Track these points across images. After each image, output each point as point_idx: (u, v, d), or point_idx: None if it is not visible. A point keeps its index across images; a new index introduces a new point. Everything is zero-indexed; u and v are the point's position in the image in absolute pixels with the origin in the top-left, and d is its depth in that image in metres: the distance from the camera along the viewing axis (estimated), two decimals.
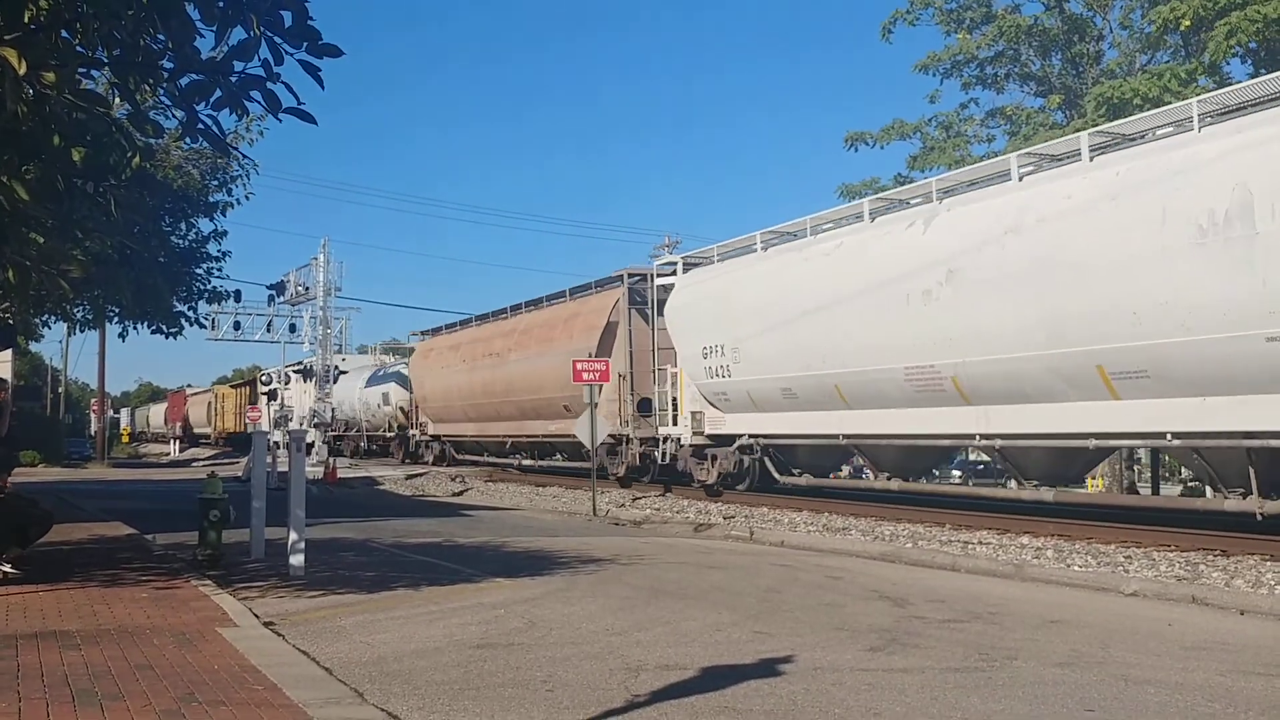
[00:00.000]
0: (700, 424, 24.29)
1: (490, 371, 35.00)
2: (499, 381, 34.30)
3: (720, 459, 24.07)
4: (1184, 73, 26.32)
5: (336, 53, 6.22)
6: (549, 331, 31.48)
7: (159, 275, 16.06)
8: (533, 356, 31.89)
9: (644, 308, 27.82)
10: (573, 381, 24.19)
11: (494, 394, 34.76)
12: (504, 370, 33.96)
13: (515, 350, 33.47)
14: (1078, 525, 16.06)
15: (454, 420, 40.42)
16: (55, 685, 6.42)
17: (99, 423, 62.82)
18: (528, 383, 32.10)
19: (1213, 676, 7.37)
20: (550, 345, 30.72)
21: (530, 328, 33.25)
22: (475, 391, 36.35)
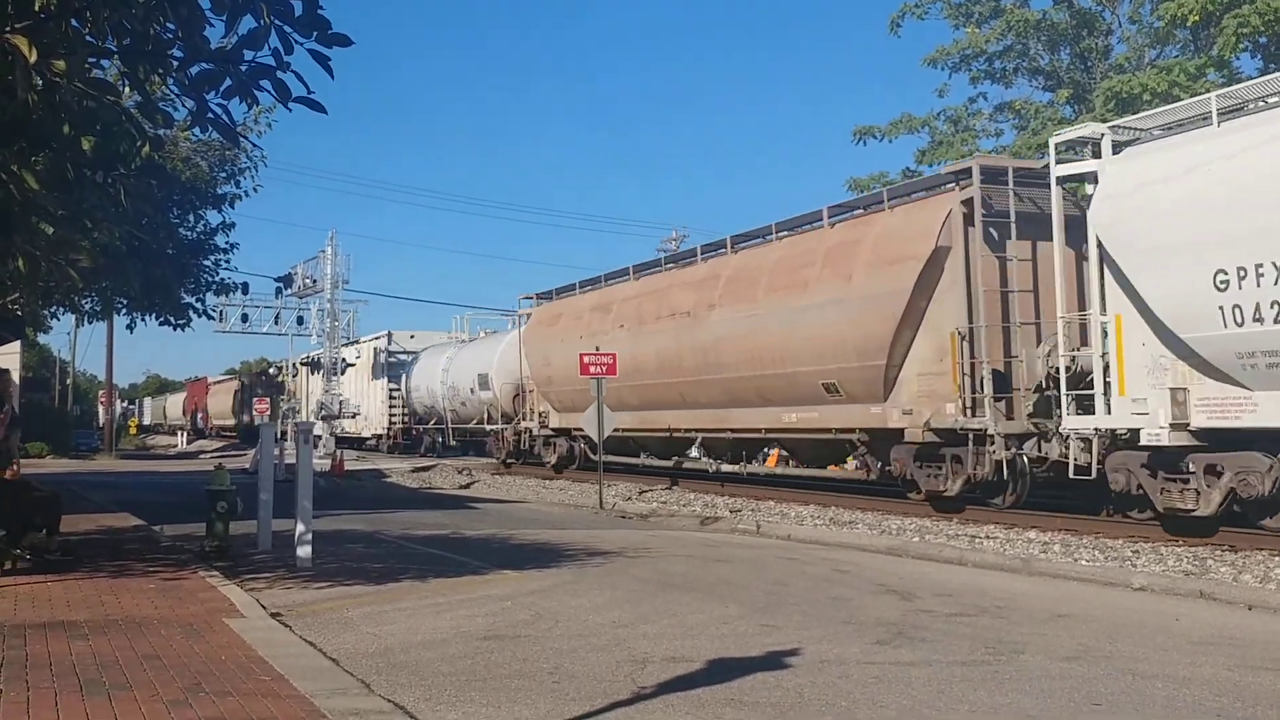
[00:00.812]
0: (1184, 409, 13.85)
1: (672, 338, 25.18)
2: (691, 352, 24.43)
3: None
4: (1193, 68, 26.25)
5: (346, 42, 6.22)
6: (798, 273, 21.18)
7: (167, 267, 16.08)
8: (763, 313, 21.87)
9: (1000, 223, 17.48)
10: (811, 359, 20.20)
11: (679, 369, 25.00)
12: (700, 335, 24.03)
13: (725, 305, 23.30)
14: (1085, 520, 16.03)
15: None
16: (63, 675, 6.44)
17: (107, 414, 62.93)
18: (751, 352, 22.19)
19: (1220, 671, 7.36)
20: (801, 293, 20.74)
21: (753, 272, 22.89)
22: (642, 366, 26.13)
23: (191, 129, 12.58)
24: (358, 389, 52.38)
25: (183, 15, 6.24)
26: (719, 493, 23.56)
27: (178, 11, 6.22)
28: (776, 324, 21.40)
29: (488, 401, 38.80)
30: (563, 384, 30.09)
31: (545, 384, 31.96)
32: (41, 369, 74.91)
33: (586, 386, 25.76)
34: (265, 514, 13.42)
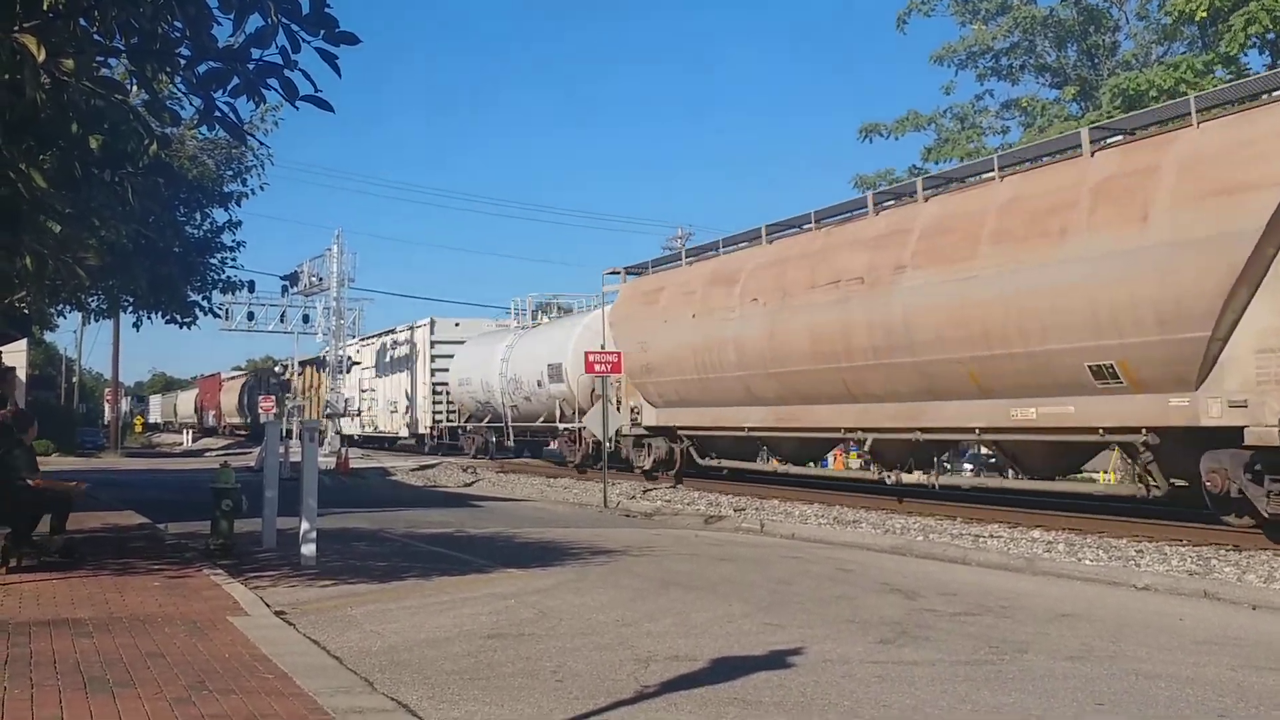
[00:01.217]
0: None
1: (835, 312, 19.47)
2: (865, 329, 18.80)
3: None
4: (1200, 64, 26.16)
5: (354, 40, 6.23)
6: (1046, 219, 15.82)
7: (174, 265, 16.11)
8: (985, 274, 16.54)
9: None
10: None
11: (845, 352, 19.40)
12: (880, 306, 18.41)
13: (921, 266, 17.86)
14: (1089, 519, 16.02)
15: (716, 402, 24.01)
16: (67, 672, 6.46)
17: (112, 412, 63.04)
18: (963, 326, 16.87)
19: (1224, 671, 7.35)
20: (1054, 244, 15.51)
21: (964, 221, 17.51)
22: (785, 350, 21.03)
23: (199, 127, 12.61)
24: (393, 384, 48.43)
25: (190, 14, 6.26)
26: (723, 491, 23.55)
27: (185, 10, 6.24)
28: (1008, 287, 16.00)
29: (559, 396, 32.73)
30: (666, 372, 25.37)
31: (640, 373, 26.26)
32: (48, 367, 75.11)
33: (702, 375, 23.32)
34: (270, 512, 13.45)
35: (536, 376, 34.05)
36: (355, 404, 51.55)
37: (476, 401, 39.92)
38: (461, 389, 41.14)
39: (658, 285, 27.22)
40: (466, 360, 41.02)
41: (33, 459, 11.79)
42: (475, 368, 39.68)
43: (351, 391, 52.65)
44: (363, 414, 52.02)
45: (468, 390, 40.43)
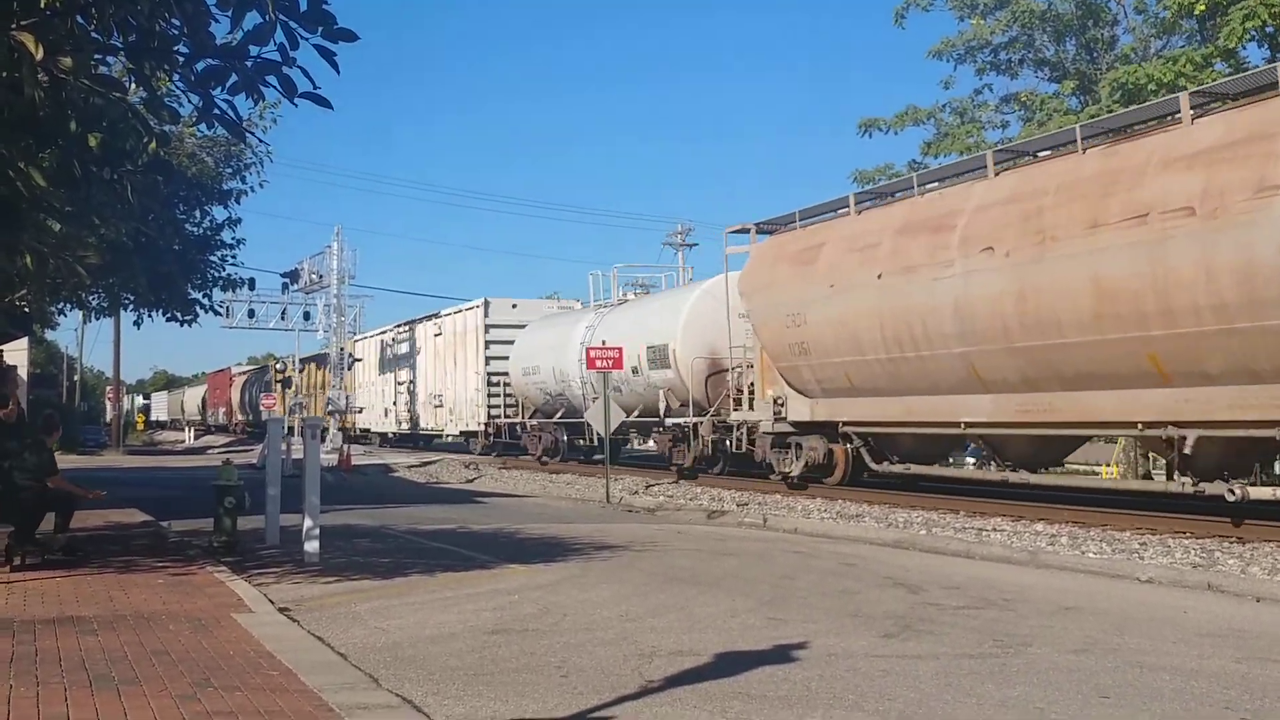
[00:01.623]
0: None
1: (1142, 259, 14.00)
2: (1200, 278, 13.39)
3: None
4: (1199, 57, 26.12)
5: (352, 37, 6.22)
6: None
7: (174, 263, 16.11)
8: None
9: None
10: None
11: (1159, 316, 13.95)
12: (1239, 246, 12.94)
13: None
14: (1093, 512, 16.01)
15: (911, 390, 18.60)
16: (73, 670, 6.46)
17: (114, 410, 63.06)
18: None
19: (1228, 663, 7.35)
20: None
21: None
22: (1035, 316, 15.61)
23: (198, 125, 12.60)
24: (435, 374, 42.73)
25: (188, 11, 6.25)
26: (726, 487, 23.54)
27: (183, 8, 6.23)
28: None
29: (662, 385, 27.01)
30: (830, 352, 19.76)
31: (788, 354, 20.80)
32: (49, 365, 75.10)
33: (891, 355, 18.05)
34: (273, 509, 13.45)
35: (631, 362, 26.71)
36: (386, 398, 47.42)
37: (545, 393, 33.59)
38: (526, 379, 34.65)
39: (814, 241, 20.87)
40: (532, 345, 34.70)
41: (52, 460, 11.79)
42: (544, 353, 33.55)
43: (375, 385, 49.39)
44: (395, 409, 47.32)
45: (534, 381, 34.10)
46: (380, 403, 49.71)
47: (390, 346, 48.38)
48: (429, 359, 43.71)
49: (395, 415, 47.75)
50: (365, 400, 50.95)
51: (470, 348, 39.51)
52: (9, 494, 11.06)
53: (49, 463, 11.63)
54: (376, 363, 50.35)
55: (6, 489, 11.10)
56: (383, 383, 49.18)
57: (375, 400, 50.42)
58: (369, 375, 50.67)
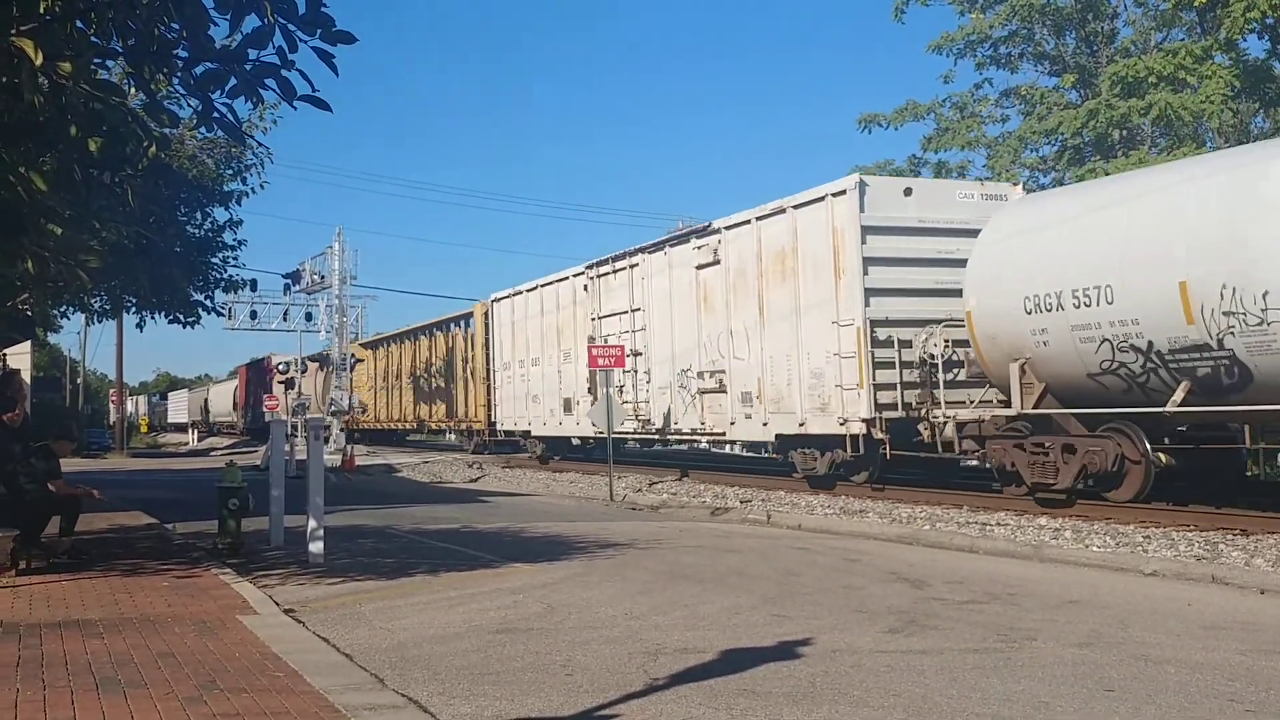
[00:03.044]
0: None
1: None
2: None
3: None
4: (1199, 49, 26.14)
5: (350, 39, 6.23)
6: None
7: (175, 265, 16.12)
8: None
9: None
10: None
11: None
12: None
13: None
14: (1096, 506, 15.99)
15: None
16: (79, 673, 6.48)
17: (118, 413, 63.09)
18: None
19: (1233, 656, 7.36)
20: None
21: None
22: None
23: (198, 128, 12.61)
24: (706, 335, 23.85)
25: (187, 15, 6.25)
26: (729, 483, 23.55)
27: (182, 11, 6.24)
28: None
29: None
30: None
31: None
32: (52, 368, 75.20)
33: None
34: (277, 510, 13.47)
35: None
36: (556, 383, 31.26)
37: (1123, 351, 14.78)
38: (1052, 323, 15.73)
39: None
40: (1064, 240, 15.94)
41: (57, 465, 11.80)
42: (1101, 253, 15.13)
43: (528, 364, 33.40)
44: (584, 402, 29.03)
45: (1084, 323, 15.19)
46: (542, 389, 32.13)
47: (568, 305, 30.20)
48: (684, 309, 24.58)
49: (585, 410, 28.20)
50: (513, 390, 34.64)
51: (813, 278, 20.49)
52: (14, 498, 11.08)
53: (53, 467, 11.65)
54: (531, 331, 33.15)
55: (12, 493, 11.12)
56: (550, 360, 31.53)
57: (528, 386, 33.36)
58: (513, 350, 34.65)
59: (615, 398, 24.07)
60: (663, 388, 25.48)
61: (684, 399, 24.67)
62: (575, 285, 29.98)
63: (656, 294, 25.64)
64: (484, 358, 38.20)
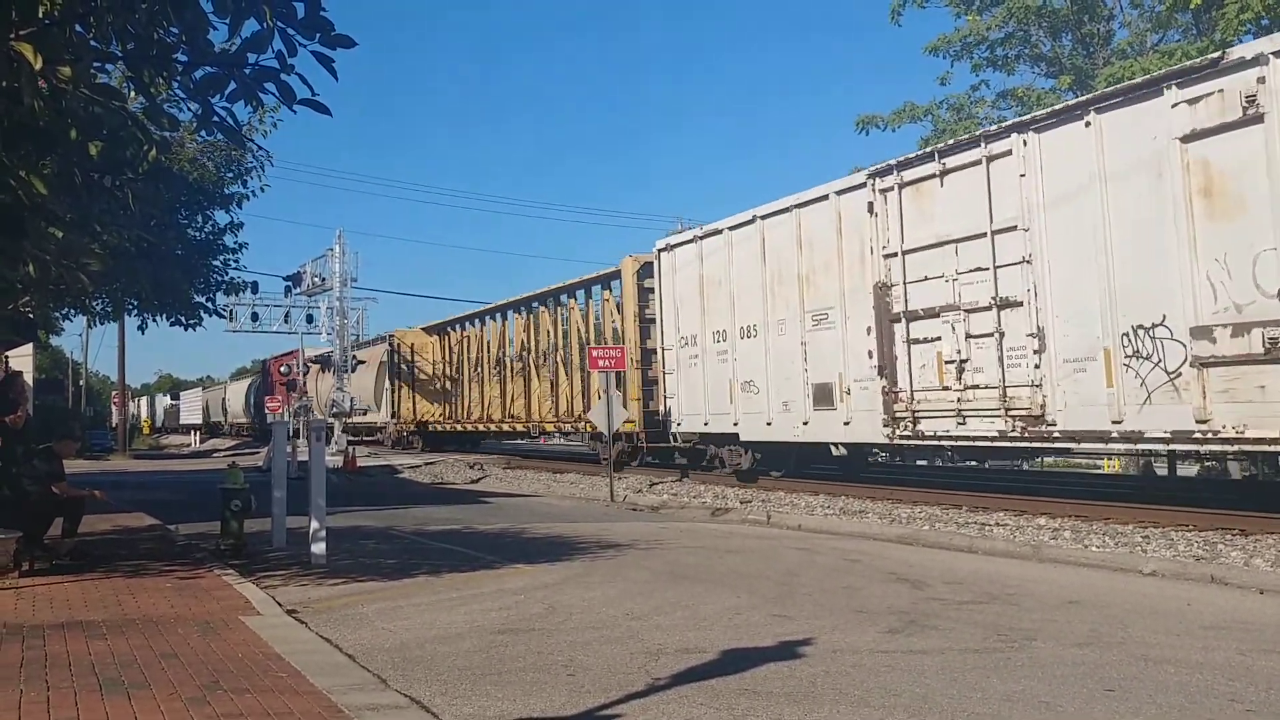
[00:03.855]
0: None
1: None
2: None
3: None
4: (1195, 51, 26.13)
5: (350, 43, 6.24)
6: None
7: (176, 267, 16.14)
8: None
9: None
10: None
11: None
12: None
13: None
14: (1095, 505, 16.01)
15: None
16: (82, 674, 6.50)
17: (120, 414, 63.16)
18: None
19: (1233, 655, 7.37)
20: None
21: None
22: None
23: (198, 132, 12.63)
24: None
25: (186, 19, 6.27)
26: (729, 484, 23.56)
27: (181, 15, 6.25)
28: None
29: None
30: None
31: None
32: (54, 371, 75.29)
33: None
34: (279, 511, 13.49)
35: None
36: (775, 365, 19.97)
37: None
38: None
39: None
40: None
41: (60, 467, 11.82)
42: None
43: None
44: (859, 386, 19.53)
45: None
46: (765, 372, 22.02)
47: (824, 240, 20.18)
48: (1141, 215, 14.35)
49: (864, 399, 19.16)
50: (700, 375, 24.42)
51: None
52: (18, 500, 11.11)
53: (56, 469, 11.67)
54: (741, 287, 22.91)
55: (15, 495, 11.15)
56: (782, 327, 21.48)
57: (732, 369, 23.17)
58: (702, 318, 24.30)
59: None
60: (1077, 360, 15.40)
61: (1137, 377, 14.46)
62: (843, 208, 19.77)
63: (1061, 197, 15.64)
64: (637, 333, 27.85)
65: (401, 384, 47.47)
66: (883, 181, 18.76)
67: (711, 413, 23.92)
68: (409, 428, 46.71)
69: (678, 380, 25.39)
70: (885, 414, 18.54)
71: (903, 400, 18.19)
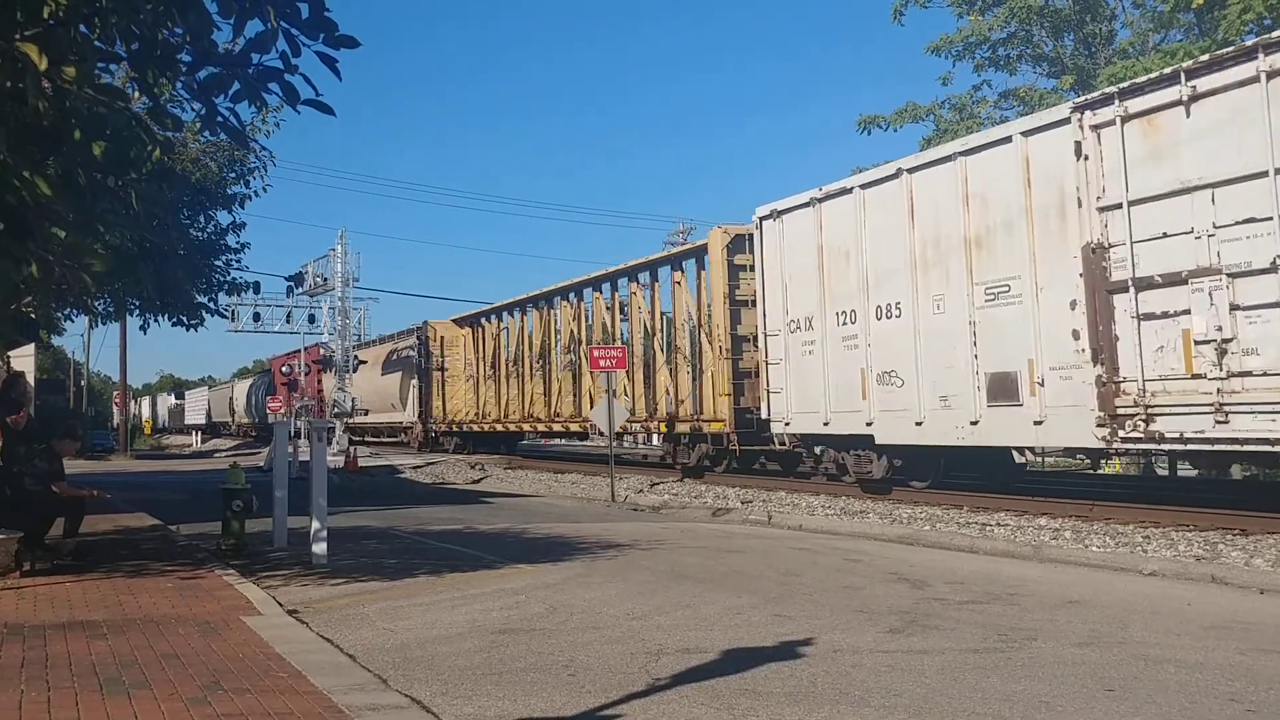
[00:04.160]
0: None
1: None
2: None
3: None
4: (1197, 51, 26.15)
5: (354, 44, 6.25)
6: None
7: (179, 267, 16.14)
8: None
9: None
10: None
11: None
12: None
13: None
14: (1096, 505, 16.03)
15: None
16: (83, 674, 6.51)
17: (121, 415, 63.23)
18: None
19: (1233, 655, 7.38)
20: None
21: None
22: None
23: (201, 132, 12.63)
24: None
25: (190, 20, 6.28)
26: (730, 484, 23.58)
27: (185, 16, 6.26)
28: None
29: None
30: None
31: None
32: (56, 371, 75.30)
33: None
34: (280, 511, 13.51)
35: None
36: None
37: None
38: None
39: None
40: None
41: (60, 466, 11.84)
42: None
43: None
44: None
45: None
46: (915, 359, 18.22)
47: (1009, 193, 16.34)
48: None
49: (1086, 386, 15.12)
50: (818, 365, 20.52)
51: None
52: (19, 500, 11.12)
53: (57, 468, 11.69)
54: (879, 255, 19.23)
55: (16, 495, 11.16)
56: (941, 305, 17.72)
57: (867, 356, 19.36)
58: (821, 296, 20.54)
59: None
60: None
61: None
62: (1032, 152, 16.24)
63: None
64: (726, 317, 24.57)
65: (431, 381, 44.54)
66: (1096, 115, 15.06)
67: (834, 410, 20.02)
68: (440, 428, 43.97)
69: (785, 371, 21.29)
70: (1101, 410, 14.81)
71: (1128, 393, 14.47)
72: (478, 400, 41.55)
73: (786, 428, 21.33)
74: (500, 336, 40.19)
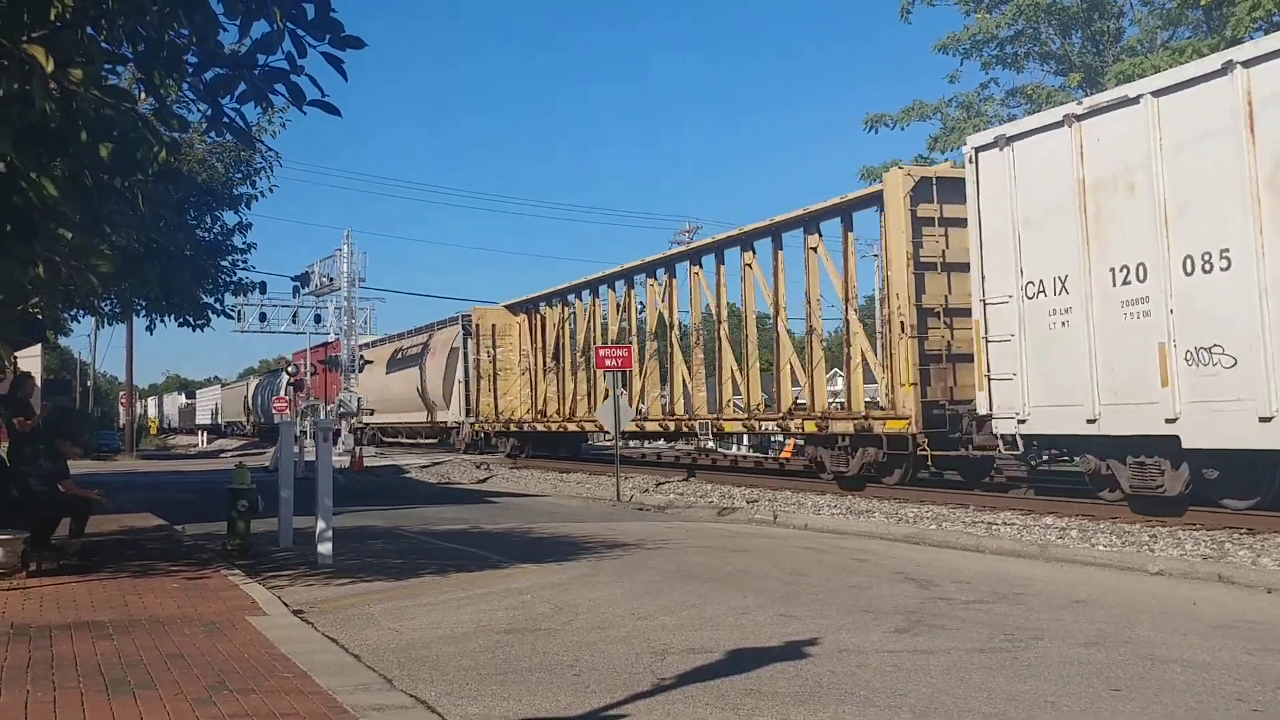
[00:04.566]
0: None
1: None
2: None
3: None
4: (1206, 48, 26.09)
5: (359, 44, 6.26)
6: None
7: (185, 268, 16.17)
8: None
9: None
10: None
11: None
12: None
13: None
14: (1102, 505, 15.99)
15: None
16: (89, 675, 6.52)
17: (127, 415, 63.36)
18: None
19: (1240, 655, 7.36)
20: None
21: None
22: None
23: (207, 133, 12.65)
24: None
25: (197, 21, 6.29)
26: (735, 483, 23.57)
27: (192, 17, 6.28)
28: None
29: None
30: None
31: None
32: (62, 371, 75.53)
33: None
34: (286, 511, 13.52)
35: None
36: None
37: None
38: None
39: None
40: None
41: (65, 466, 11.86)
42: None
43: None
44: None
45: None
46: (1242, 336, 13.25)
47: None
48: None
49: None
50: (1083, 338, 15.36)
51: None
52: (25, 500, 11.15)
53: (61, 468, 11.71)
54: (1209, 181, 13.73)
55: (22, 495, 11.19)
56: None
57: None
58: (1084, 248, 15.35)
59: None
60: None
61: None
62: None
63: None
64: (910, 285, 19.52)
65: (480, 374, 39.62)
66: None
67: (1107, 402, 14.97)
68: (493, 428, 39.39)
69: (1019, 351, 16.29)
70: None
71: None
72: (534, 396, 36.72)
73: (1021, 426, 16.25)
74: (564, 324, 34.97)
